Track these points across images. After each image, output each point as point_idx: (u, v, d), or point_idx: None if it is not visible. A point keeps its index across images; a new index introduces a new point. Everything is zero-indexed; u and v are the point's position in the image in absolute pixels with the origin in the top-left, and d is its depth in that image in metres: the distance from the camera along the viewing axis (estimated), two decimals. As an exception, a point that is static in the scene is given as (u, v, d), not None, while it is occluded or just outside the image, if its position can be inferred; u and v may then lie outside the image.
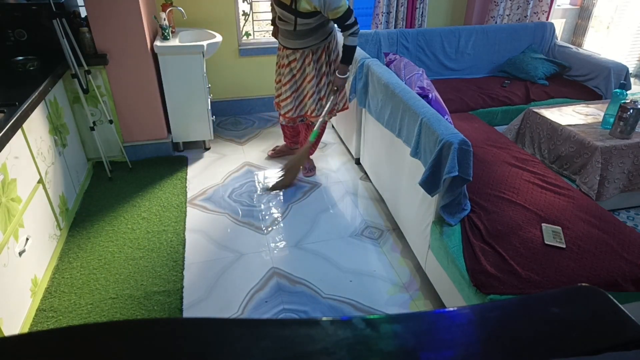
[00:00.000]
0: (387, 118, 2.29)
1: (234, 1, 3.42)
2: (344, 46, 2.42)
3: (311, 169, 2.96)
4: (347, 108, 2.77)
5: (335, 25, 2.42)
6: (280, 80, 2.65)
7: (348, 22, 2.34)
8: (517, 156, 2.34)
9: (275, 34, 2.67)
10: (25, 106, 1.91)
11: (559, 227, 1.80)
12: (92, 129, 2.72)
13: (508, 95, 3.23)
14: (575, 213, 1.89)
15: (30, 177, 1.96)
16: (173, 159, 3.10)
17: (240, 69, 3.70)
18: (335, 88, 2.55)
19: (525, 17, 3.94)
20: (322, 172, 3.00)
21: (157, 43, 2.82)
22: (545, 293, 0.60)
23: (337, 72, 2.51)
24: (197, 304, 1.97)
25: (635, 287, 1.60)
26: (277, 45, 2.66)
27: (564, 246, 1.70)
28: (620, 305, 0.50)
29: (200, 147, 3.28)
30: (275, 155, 3.15)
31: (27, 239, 1.85)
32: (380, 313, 1.95)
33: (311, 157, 2.96)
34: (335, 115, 2.77)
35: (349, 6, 2.32)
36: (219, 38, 3.09)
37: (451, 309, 0.51)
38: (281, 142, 3.26)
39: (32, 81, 2.16)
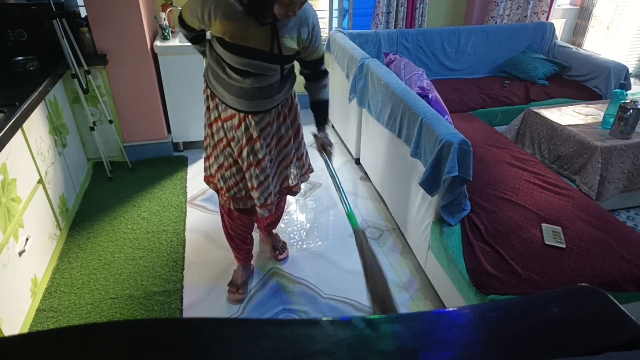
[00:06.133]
0: (387, 118, 2.29)
1: (234, 1, 3.42)
2: (320, 102, 1.79)
3: (283, 248, 2.25)
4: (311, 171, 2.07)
5: (304, 74, 1.75)
6: (232, 163, 1.74)
7: (324, 66, 1.75)
8: (517, 156, 2.34)
9: (214, 91, 1.67)
10: (25, 106, 1.91)
11: (559, 227, 1.80)
12: (92, 129, 2.72)
13: (508, 95, 3.23)
14: (575, 213, 1.89)
15: (30, 177, 1.96)
16: (173, 159, 3.10)
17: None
18: (329, 149, 1.83)
19: (525, 17, 3.94)
20: (322, 172, 3.00)
21: (157, 43, 2.82)
22: (545, 293, 0.60)
23: (320, 134, 1.82)
24: (197, 304, 1.97)
25: (635, 287, 1.60)
26: None
27: (564, 246, 1.70)
28: (620, 305, 0.50)
29: (200, 147, 3.28)
30: (244, 293, 2.05)
31: (27, 239, 1.85)
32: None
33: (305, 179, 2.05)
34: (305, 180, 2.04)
35: None
36: (219, 38, 3.09)
37: (451, 309, 0.51)
38: None
39: (32, 81, 2.16)
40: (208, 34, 1.66)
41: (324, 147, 1.86)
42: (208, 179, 1.91)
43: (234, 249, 2.03)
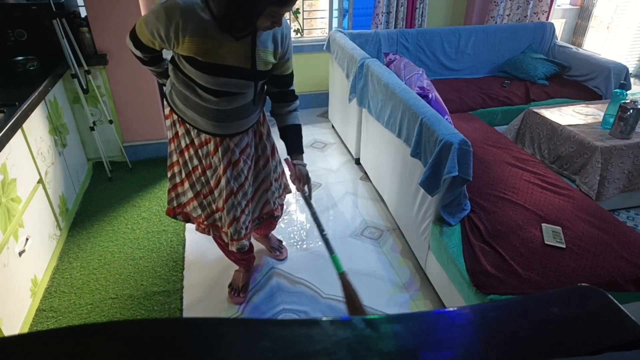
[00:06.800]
0: (387, 118, 2.29)
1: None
2: (294, 127, 1.64)
3: (281, 248, 2.23)
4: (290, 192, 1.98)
5: (272, 94, 1.61)
6: (208, 191, 1.63)
7: (294, 87, 1.63)
8: (517, 156, 2.34)
9: (183, 117, 1.52)
10: (25, 106, 1.91)
11: (559, 227, 1.80)
12: (92, 129, 2.72)
13: (508, 95, 3.23)
14: (575, 213, 1.89)
15: (30, 177, 1.96)
16: (173, 159, 3.10)
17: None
18: (308, 183, 1.69)
19: (525, 17, 3.94)
20: (322, 172, 3.00)
21: (157, 43, 2.81)
22: (545, 293, 0.60)
23: (296, 164, 1.65)
24: (197, 304, 1.97)
25: (635, 287, 1.60)
26: None
27: (564, 246, 1.70)
28: (620, 305, 0.50)
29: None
30: (244, 296, 1.99)
31: (27, 239, 1.85)
32: (380, 313, 1.95)
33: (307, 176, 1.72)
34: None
35: None
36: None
37: (451, 309, 0.51)
38: None
39: (32, 81, 2.16)
40: (164, 53, 1.52)
41: (302, 180, 1.65)
42: (174, 211, 1.74)
43: (234, 262, 2.00)
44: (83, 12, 2.72)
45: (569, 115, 2.74)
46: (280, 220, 2.29)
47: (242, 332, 0.45)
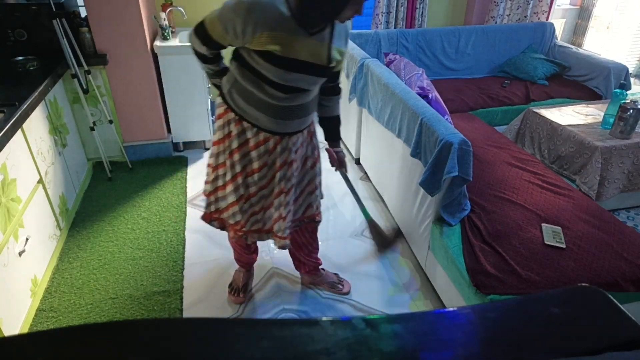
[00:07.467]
0: (387, 118, 2.29)
1: (234, 1, 3.42)
2: (337, 117, 1.72)
3: (341, 280, 2.09)
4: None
5: (326, 88, 1.61)
6: (252, 193, 1.58)
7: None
8: (517, 156, 2.34)
9: (242, 116, 1.47)
10: (25, 106, 1.91)
11: (559, 227, 1.80)
12: (92, 129, 2.72)
13: (508, 95, 3.23)
14: (575, 213, 1.89)
15: (30, 177, 1.96)
16: (173, 159, 3.10)
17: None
18: (343, 168, 1.85)
19: (525, 17, 3.94)
20: (322, 172, 2.99)
21: (157, 43, 2.82)
22: (545, 293, 0.60)
23: (337, 152, 1.80)
24: (197, 304, 1.97)
25: (635, 287, 1.60)
26: None
27: (564, 246, 1.70)
28: (620, 305, 0.50)
29: (200, 147, 3.28)
30: (244, 296, 1.99)
31: (27, 239, 1.85)
32: (380, 313, 1.95)
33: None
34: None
35: None
36: (219, 38, 3.09)
37: (451, 309, 0.51)
38: None
39: (32, 81, 2.16)
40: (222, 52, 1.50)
41: (342, 164, 1.81)
42: (211, 216, 1.69)
43: (241, 265, 2.01)
44: (83, 12, 2.72)
45: (569, 115, 2.74)
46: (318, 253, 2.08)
47: (242, 332, 0.45)
